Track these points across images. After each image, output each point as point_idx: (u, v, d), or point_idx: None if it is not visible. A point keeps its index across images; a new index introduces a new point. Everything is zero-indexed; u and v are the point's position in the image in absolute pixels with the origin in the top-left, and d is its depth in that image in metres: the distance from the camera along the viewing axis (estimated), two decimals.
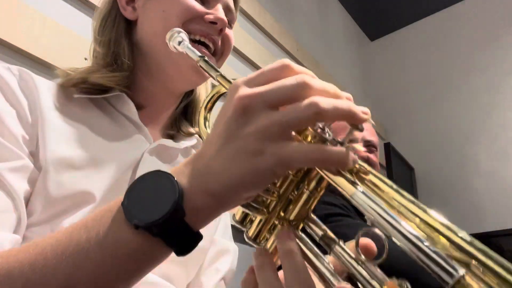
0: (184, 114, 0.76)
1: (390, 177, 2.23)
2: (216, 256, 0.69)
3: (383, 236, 0.33)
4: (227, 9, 0.68)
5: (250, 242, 0.39)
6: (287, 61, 0.34)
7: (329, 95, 0.32)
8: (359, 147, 0.35)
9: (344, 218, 1.11)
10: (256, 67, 1.89)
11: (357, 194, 0.32)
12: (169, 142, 0.66)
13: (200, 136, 0.74)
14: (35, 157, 0.52)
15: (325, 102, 0.30)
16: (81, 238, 0.33)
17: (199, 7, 0.63)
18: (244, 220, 0.40)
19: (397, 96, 3.21)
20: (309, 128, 0.34)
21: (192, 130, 0.73)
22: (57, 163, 0.52)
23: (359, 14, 3.27)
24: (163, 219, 0.32)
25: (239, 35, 1.88)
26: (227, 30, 0.67)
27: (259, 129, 0.31)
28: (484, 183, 2.61)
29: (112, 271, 0.33)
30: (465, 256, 0.25)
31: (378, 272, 0.32)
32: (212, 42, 0.65)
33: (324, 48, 2.73)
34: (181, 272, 0.62)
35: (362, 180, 0.33)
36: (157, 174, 0.35)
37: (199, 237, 0.35)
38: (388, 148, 2.69)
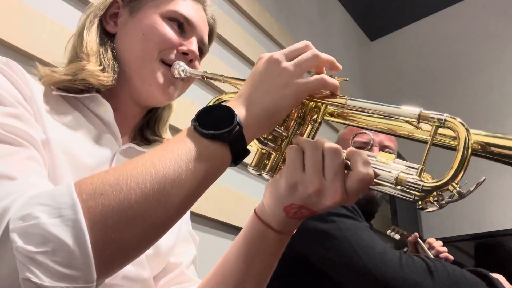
0: (147, 123, 0.81)
1: None
2: (184, 240, 0.78)
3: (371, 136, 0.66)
4: (201, 42, 0.76)
5: (268, 175, 0.57)
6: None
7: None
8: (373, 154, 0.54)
9: (347, 219, 1.10)
10: None
11: (348, 100, 0.53)
12: (137, 146, 0.72)
13: None
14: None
15: (320, 52, 0.54)
16: (177, 151, 0.44)
17: (175, 38, 0.70)
18: (258, 163, 0.58)
19: (397, 96, 3.21)
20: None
21: (156, 138, 0.80)
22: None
23: (359, 14, 3.27)
24: (231, 129, 0.46)
25: (239, 35, 1.88)
26: (196, 63, 0.75)
27: (284, 71, 0.51)
28: (488, 181, 2.60)
29: (201, 172, 0.44)
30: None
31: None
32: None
33: (324, 48, 2.73)
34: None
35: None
36: (213, 106, 0.49)
37: (247, 152, 0.50)
38: None
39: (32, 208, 0.36)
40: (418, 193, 0.46)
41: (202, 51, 0.78)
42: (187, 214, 0.84)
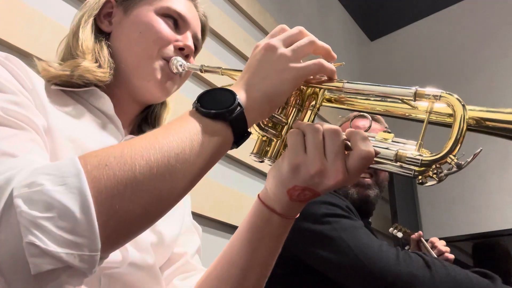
0: (145, 120, 0.81)
1: (390, 177, 2.22)
2: (187, 231, 0.79)
3: (369, 118, 0.62)
4: (194, 38, 0.77)
5: (270, 161, 0.58)
6: (284, 26, 0.57)
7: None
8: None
9: (342, 219, 1.10)
10: None
11: (346, 84, 0.54)
12: None
13: None
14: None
15: (316, 39, 0.55)
16: (180, 129, 0.45)
17: (171, 34, 0.72)
18: (260, 150, 0.59)
19: None
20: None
21: None
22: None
23: (359, 14, 3.27)
24: (232, 108, 0.47)
25: (239, 35, 1.88)
26: (191, 58, 0.76)
27: (282, 56, 0.52)
28: (487, 182, 2.60)
29: (204, 149, 0.45)
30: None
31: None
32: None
33: None
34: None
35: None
36: (215, 89, 0.50)
37: (248, 133, 0.50)
38: None
39: (36, 177, 0.36)
40: (417, 168, 0.47)
41: (196, 47, 0.79)
42: (189, 208, 0.84)
